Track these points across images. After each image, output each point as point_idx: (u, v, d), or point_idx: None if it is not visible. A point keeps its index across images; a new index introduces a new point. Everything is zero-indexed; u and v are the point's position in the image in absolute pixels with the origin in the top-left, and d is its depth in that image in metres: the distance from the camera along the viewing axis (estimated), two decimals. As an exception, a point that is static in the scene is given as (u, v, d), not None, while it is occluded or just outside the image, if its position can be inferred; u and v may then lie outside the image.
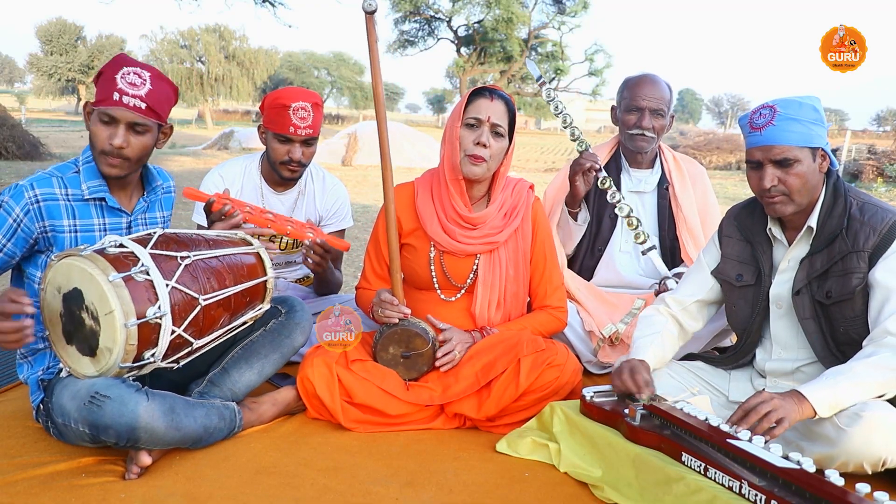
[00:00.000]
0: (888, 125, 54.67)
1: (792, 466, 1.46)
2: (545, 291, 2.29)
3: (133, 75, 1.83)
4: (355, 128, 17.65)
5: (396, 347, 2.13)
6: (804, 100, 1.82)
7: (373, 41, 1.97)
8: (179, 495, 1.66)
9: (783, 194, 1.82)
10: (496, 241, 2.20)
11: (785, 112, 1.80)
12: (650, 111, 2.61)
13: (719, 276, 2.08)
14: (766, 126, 1.80)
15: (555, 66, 28.60)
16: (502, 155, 2.13)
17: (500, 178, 2.18)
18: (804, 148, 1.80)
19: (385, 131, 2.05)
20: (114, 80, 1.82)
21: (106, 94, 1.82)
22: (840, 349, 1.86)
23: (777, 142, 1.79)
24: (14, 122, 14.03)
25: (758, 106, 1.88)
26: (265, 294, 2.00)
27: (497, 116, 2.08)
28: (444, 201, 2.18)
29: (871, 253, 1.78)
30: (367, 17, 1.95)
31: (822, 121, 1.83)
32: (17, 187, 1.82)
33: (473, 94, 2.12)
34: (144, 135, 1.88)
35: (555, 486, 1.78)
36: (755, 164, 1.85)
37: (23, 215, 1.80)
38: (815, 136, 1.81)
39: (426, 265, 2.23)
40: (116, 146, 1.83)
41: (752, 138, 1.84)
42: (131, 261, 1.67)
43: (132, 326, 1.60)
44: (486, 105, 2.08)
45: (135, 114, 1.83)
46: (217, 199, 2.10)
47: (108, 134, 1.84)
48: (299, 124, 2.37)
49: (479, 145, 2.06)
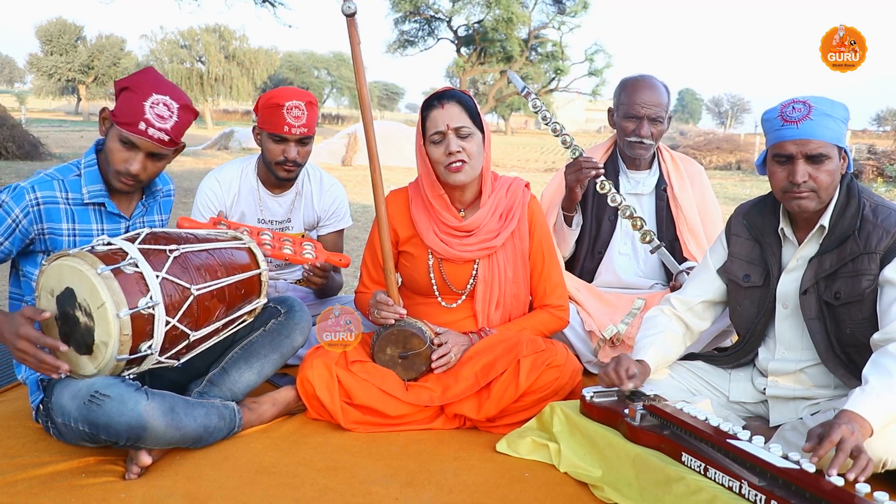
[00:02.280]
0: (888, 125, 54.66)
1: (792, 466, 1.46)
2: (545, 290, 2.29)
3: (162, 106, 1.83)
4: (355, 128, 17.64)
5: (394, 348, 2.13)
6: (833, 100, 1.81)
7: (355, 44, 1.96)
8: (179, 495, 1.66)
9: (812, 191, 1.80)
10: (493, 245, 2.19)
11: (820, 108, 1.78)
12: (648, 119, 2.59)
13: (726, 275, 2.07)
14: (804, 119, 1.77)
15: (555, 66, 28.62)
16: (481, 151, 2.11)
17: (485, 174, 2.16)
18: (834, 146, 1.79)
19: (372, 133, 2.07)
20: (142, 107, 1.82)
21: (132, 119, 1.82)
22: (845, 351, 1.85)
23: (815, 136, 1.76)
24: (14, 122, 14.04)
25: (787, 101, 1.84)
26: (261, 288, 2.00)
27: (455, 120, 2.06)
28: (433, 217, 2.18)
29: (883, 255, 1.77)
30: (348, 20, 1.94)
31: (847, 122, 1.83)
32: (17, 188, 1.83)
33: (425, 109, 2.11)
34: (161, 161, 1.92)
35: (555, 486, 1.78)
36: (786, 157, 1.81)
37: (22, 216, 1.81)
38: (842, 135, 1.80)
39: (425, 272, 2.22)
40: (134, 172, 1.86)
41: (787, 131, 1.79)
42: (120, 256, 1.69)
43: (125, 317, 1.61)
44: (440, 115, 2.06)
45: (158, 145, 1.86)
46: (212, 226, 2.11)
47: (127, 157, 1.85)
48: (294, 123, 2.37)
49: (452, 154, 2.05)
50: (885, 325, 1.72)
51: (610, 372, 1.89)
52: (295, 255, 2.25)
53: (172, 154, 1.95)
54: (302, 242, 2.33)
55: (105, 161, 1.90)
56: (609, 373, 1.90)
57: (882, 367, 1.62)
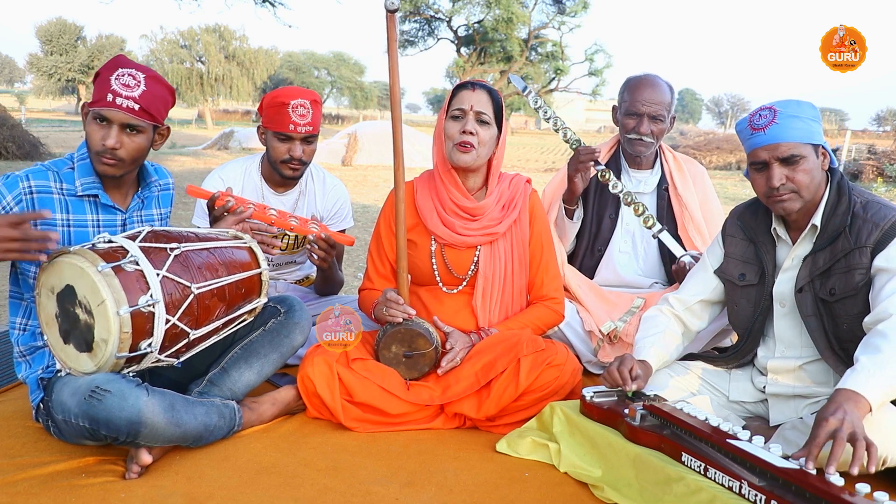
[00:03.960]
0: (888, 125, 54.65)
1: (792, 466, 1.46)
2: (542, 281, 2.31)
3: (127, 76, 1.84)
4: (355, 128, 17.65)
5: (399, 347, 2.14)
6: (800, 100, 1.85)
7: (392, 40, 1.98)
8: (179, 495, 1.66)
9: (792, 192, 1.83)
10: (496, 232, 2.22)
11: (785, 111, 1.82)
12: (649, 117, 2.61)
13: (722, 275, 2.09)
14: (770, 125, 1.81)
15: (555, 66, 28.62)
16: (492, 143, 2.15)
17: (494, 167, 2.20)
18: (807, 144, 1.81)
19: (399, 130, 2.11)
20: (108, 81, 1.83)
21: (100, 95, 1.83)
22: (843, 346, 1.86)
23: (782, 139, 1.80)
24: (14, 122, 14.04)
25: (754, 109, 1.89)
26: (261, 287, 2.01)
27: (480, 105, 2.11)
28: (441, 195, 2.20)
29: (874, 248, 1.78)
30: (389, 15, 1.96)
31: (819, 119, 1.85)
32: (11, 177, 1.83)
33: (457, 88, 2.17)
34: (138, 136, 1.88)
35: (555, 486, 1.78)
36: (761, 164, 1.85)
37: (14, 204, 1.81)
38: (815, 133, 1.82)
39: (427, 259, 2.24)
40: (109, 146, 1.84)
41: (756, 139, 1.84)
42: (120, 253, 1.69)
43: (125, 314, 1.61)
44: (468, 96, 2.12)
45: (128, 115, 1.84)
46: (220, 196, 2.11)
47: (102, 135, 1.85)
48: (299, 121, 2.37)
49: (465, 133, 2.09)
50: (875, 307, 1.73)
51: (614, 372, 1.90)
52: (301, 225, 2.27)
53: (154, 133, 1.93)
54: (308, 222, 2.35)
55: (92, 153, 1.89)
56: (613, 373, 1.90)
57: (872, 346, 1.63)
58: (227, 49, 39.39)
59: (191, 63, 39.02)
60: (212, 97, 39.84)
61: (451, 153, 2.13)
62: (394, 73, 2.00)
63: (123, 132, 1.86)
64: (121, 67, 1.85)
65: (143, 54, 38.46)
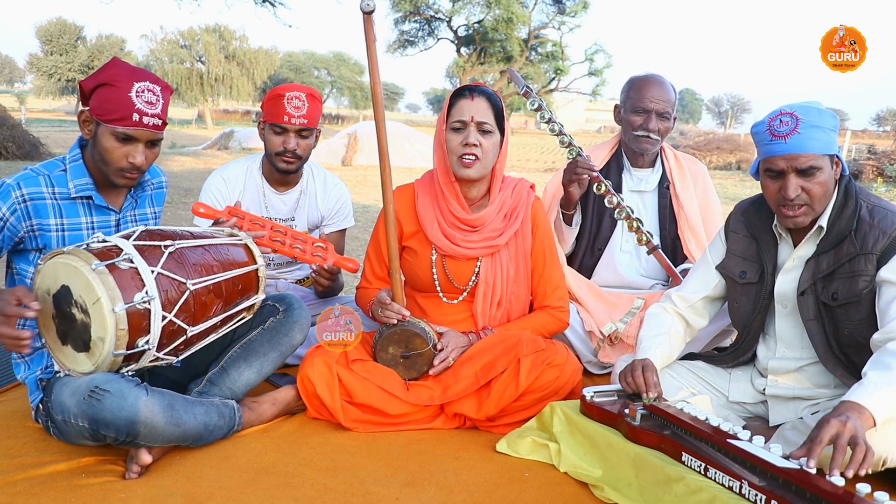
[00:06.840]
0: (888, 125, 54.68)
1: (792, 466, 1.46)
2: (545, 291, 2.29)
3: (148, 93, 1.83)
4: (355, 128, 17.63)
5: (396, 347, 2.13)
6: (821, 107, 1.80)
7: (371, 41, 1.97)
8: (179, 495, 1.66)
9: (805, 204, 1.80)
10: (497, 244, 2.20)
11: (807, 119, 1.76)
12: (657, 114, 2.60)
13: (723, 271, 2.08)
14: (791, 134, 1.76)
15: (555, 66, 28.58)
16: (496, 151, 2.13)
17: (497, 174, 2.18)
18: (825, 156, 1.78)
19: (383, 130, 2.04)
20: (129, 99, 1.80)
21: (123, 114, 1.80)
22: (843, 351, 1.85)
23: (803, 150, 1.75)
24: (14, 122, 14.02)
25: (774, 112, 1.83)
26: (258, 284, 2.01)
27: (481, 114, 2.07)
28: (441, 205, 2.18)
29: (880, 256, 1.76)
30: (365, 17, 1.95)
31: (837, 128, 1.81)
32: (3, 186, 1.82)
33: (454, 97, 2.12)
34: (157, 146, 1.92)
35: (555, 486, 1.78)
36: (777, 172, 1.81)
37: (9, 214, 1.80)
38: (833, 143, 1.79)
39: (428, 268, 2.23)
40: (138, 164, 1.86)
41: (776, 146, 1.78)
42: (115, 252, 1.69)
43: (120, 311, 1.61)
44: (467, 106, 2.08)
45: (153, 132, 1.86)
46: (227, 216, 2.13)
47: (127, 152, 1.84)
48: (293, 113, 2.39)
49: (468, 146, 2.06)
50: (884, 325, 1.72)
51: (637, 378, 1.88)
52: (304, 253, 2.26)
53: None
54: (314, 244, 2.33)
55: (93, 159, 1.89)
56: (637, 379, 1.88)
57: (882, 363, 1.62)
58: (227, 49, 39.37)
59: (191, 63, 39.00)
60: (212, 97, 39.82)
61: (455, 167, 2.10)
62: (374, 75, 1.98)
63: (147, 147, 1.88)
64: (136, 82, 1.82)
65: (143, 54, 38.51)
